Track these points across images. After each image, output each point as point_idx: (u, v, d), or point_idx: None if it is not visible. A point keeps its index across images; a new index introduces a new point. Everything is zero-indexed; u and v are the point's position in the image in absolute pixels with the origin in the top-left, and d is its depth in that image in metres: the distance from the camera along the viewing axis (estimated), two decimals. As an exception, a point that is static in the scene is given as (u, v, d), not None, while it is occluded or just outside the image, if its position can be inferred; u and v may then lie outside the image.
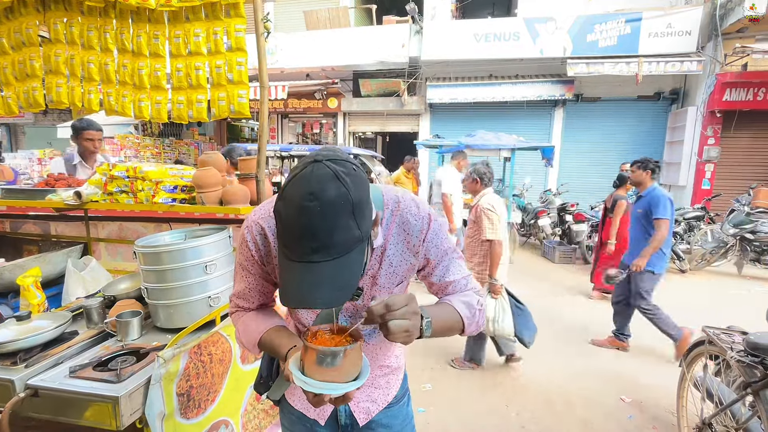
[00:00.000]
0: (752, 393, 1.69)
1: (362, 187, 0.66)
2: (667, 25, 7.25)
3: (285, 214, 0.63)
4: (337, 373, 0.67)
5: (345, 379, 0.67)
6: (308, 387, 0.66)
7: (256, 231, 0.87)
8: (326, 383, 0.66)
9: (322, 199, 0.60)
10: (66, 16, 1.78)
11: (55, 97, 1.86)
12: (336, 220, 0.62)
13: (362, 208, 0.65)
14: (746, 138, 7.44)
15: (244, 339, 0.93)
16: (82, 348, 1.35)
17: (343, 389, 0.66)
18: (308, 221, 0.61)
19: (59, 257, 1.91)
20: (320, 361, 0.67)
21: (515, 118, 8.98)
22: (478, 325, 0.91)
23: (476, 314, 0.90)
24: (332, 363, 0.66)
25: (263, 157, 1.71)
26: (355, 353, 0.69)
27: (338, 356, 0.66)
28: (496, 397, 2.74)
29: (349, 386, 0.67)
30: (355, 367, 0.69)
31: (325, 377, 0.66)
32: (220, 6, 1.64)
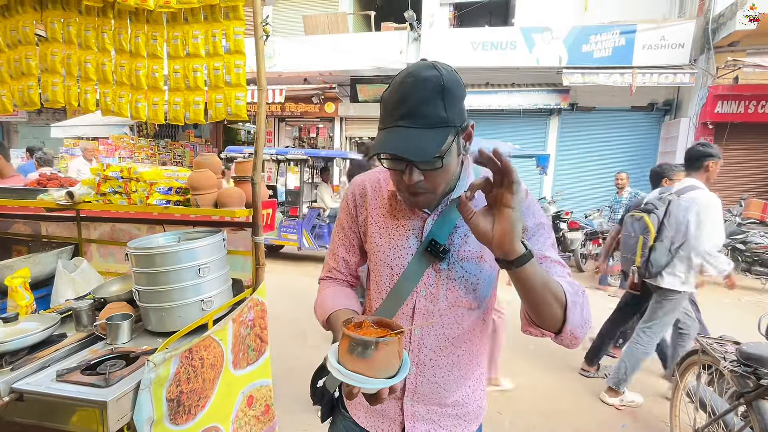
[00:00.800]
0: (745, 403, 1.70)
1: (456, 81, 0.74)
2: (660, 37, 7.38)
3: (388, 91, 0.75)
4: (367, 365, 0.63)
5: (374, 374, 0.63)
6: (336, 374, 0.64)
7: (358, 187, 0.96)
8: (353, 374, 0.63)
9: (417, 77, 0.71)
10: (63, 15, 1.77)
11: (50, 96, 1.84)
12: (425, 94, 0.70)
13: (452, 95, 0.72)
14: (738, 150, 7.55)
15: (319, 311, 0.95)
16: (70, 351, 1.33)
17: (369, 384, 0.63)
18: (402, 93, 0.71)
19: (49, 258, 1.88)
20: (351, 349, 0.64)
21: (511, 126, 9.06)
22: (584, 317, 0.73)
23: (581, 297, 0.74)
24: (363, 354, 0.63)
25: (260, 160, 1.70)
26: (389, 348, 0.64)
27: (369, 347, 0.63)
28: (489, 404, 2.73)
29: (377, 382, 0.63)
30: (388, 364, 0.64)
31: (355, 367, 0.63)
32: (220, 8, 1.64)
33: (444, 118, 0.71)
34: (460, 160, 0.82)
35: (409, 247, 0.86)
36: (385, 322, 0.71)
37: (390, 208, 0.90)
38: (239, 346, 1.58)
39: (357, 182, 0.97)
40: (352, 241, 0.98)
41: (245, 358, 1.64)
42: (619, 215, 5.36)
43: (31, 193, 1.94)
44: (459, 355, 0.87)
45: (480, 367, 0.94)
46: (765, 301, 5.26)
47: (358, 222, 0.95)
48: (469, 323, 0.86)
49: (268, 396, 1.79)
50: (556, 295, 0.70)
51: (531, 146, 8.50)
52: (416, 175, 0.74)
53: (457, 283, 0.83)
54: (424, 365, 0.86)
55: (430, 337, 0.85)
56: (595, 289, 5.58)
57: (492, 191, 0.66)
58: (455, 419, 0.90)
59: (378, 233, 0.90)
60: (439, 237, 0.82)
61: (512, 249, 0.65)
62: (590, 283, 5.88)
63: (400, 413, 0.88)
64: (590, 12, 8.21)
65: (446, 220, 0.83)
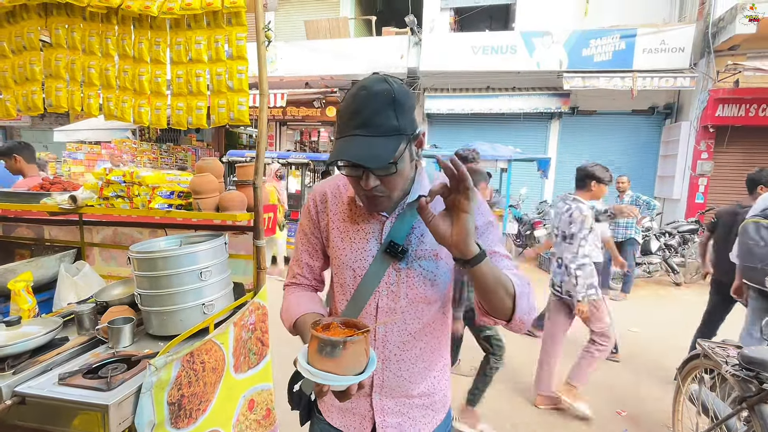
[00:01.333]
0: (747, 408, 1.69)
1: (406, 93, 0.79)
2: (660, 41, 7.40)
3: (343, 104, 0.80)
4: (335, 364, 0.66)
5: (343, 372, 0.67)
6: (305, 373, 0.67)
7: (319, 193, 0.99)
8: (323, 372, 0.66)
9: (370, 90, 0.76)
10: (68, 21, 1.79)
11: (54, 101, 1.86)
12: (377, 106, 0.75)
13: (403, 106, 0.77)
14: (739, 153, 7.55)
15: (285, 317, 0.97)
16: (72, 355, 1.33)
17: (338, 381, 0.66)
18: (356, 105, 0.77)
19: (52, 262, 1.89)
20: (320, 349, 0.67)
21: (512, 129, 9.07)
22: (530, 305, 0.80)
23: (527, 287, 0.82)
24: (331, 353, 0.66)
25: (261, 164, 1.71)
26: (356, 347, 0.68)
27: (338, 347, 0.66)
28: (492, 406, 2.72)
29: (346, 380, 0.66)
30: (356, 362, 0.68)
31: (324, 367, 0.66)
32: (222, 14, 1.66)
33: (396, 127, 0.76)
34: (413, 165, 0.88)
35: (370, 249, 0.91)
36: (351, 322, 0.75)
37: (350, 212, 0.95)
38: (240, 349, 1.59)
39: (317, 189, 1.01)
40: (315, 246, 1.01)
41: (246, 362, 1.64)
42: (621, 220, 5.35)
43: (34, 197, 1.95)
44: (421, 348, 0.93)
45: (443, 359, 1.00)
46: None
47: (320, 227, 0.99)
48: (429, 317, 0.92)
49: (269, 400, 1.79)
50: (506, 287, 0.77)
51: (532, 150, 8.51)
52: (372, 181, 0.79)
53: (416, 280, 0.89)
54: (390, 360, 0.92)
55: (393, 334, 0.91)
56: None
57: (449, 196, 0.71)
58: (423, 409, 0.96)
59: (339, 237, 0.95)
60: (398, 238, 0.88)
61: (468, 250, 0.71)
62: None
63: (370, 409, 0.93)
64: (590, 17, 8.24)
65: (403, 222, 0.89)
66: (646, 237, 5.79)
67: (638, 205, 5.26)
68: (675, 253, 6.06)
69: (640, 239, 5.41)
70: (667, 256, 5.92)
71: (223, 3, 1.61)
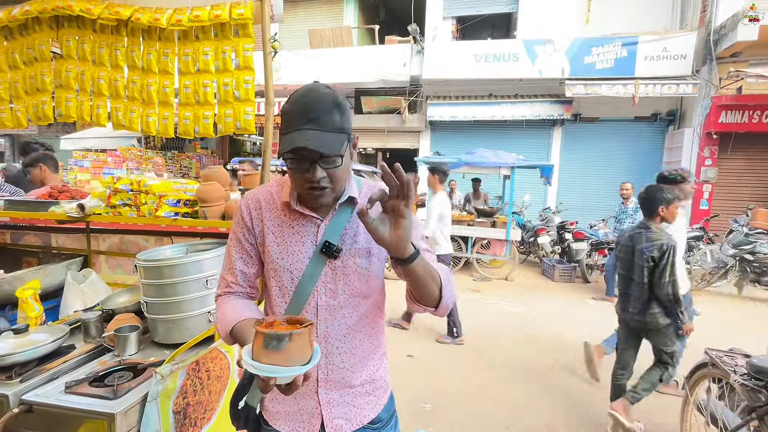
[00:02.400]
0: (757, 418, 1.66)
1: (345, 99, 0.88)
2: (662, 48, 7.44)
3: (289, 105, 0.86)
4: (282, 357, 0.68)
5: (290, 364, 0.69)
6: (253, 369, 0.68)
7: (252, 200, 1.01)
8: (270, 366, 0.68)
9: (317, 93, 0.85)
10: (78, 33, 1.83)
11: (64, 111, 1.89)
12: (324, 106, 0.83)
13: (343, 109, 0.86)
14: (743, 159, 7.53)
15: (220, 326, 0.96)
16: (78, 363, 1.34)
17: (286, 373, 0.68)
18: (306, 104, 0.84)
19: (59, 269, 1.90)
20: (266, 344, 0.69)
21: (514, 136, 9.10)
22: (452, 293, 0.92)
23: (450, 276, 0.92)
24: (277, 347, 0.68)
25: (267, 172, 1.72)
26: (301, 339, 0.70)
27: (283, 340, 0.68)
28: (497, 419, 2.69)
29: (293, 370, 0.69)
30: (301, 354, 0.71)
31: (271, 361, 0.68)
32: (230, 26, 1.69)
33: (341, 126, 0.85)
34: (350, 164, 0.93)
35: (306, 251, 0.95)
36: (294, 318, 0.77)
37: (285, 218, 0.98)
38: (245, 357, 1.59)
39: (249, 196, 1.03)
40: (249, 253, 1.01)
41: (251, 370, 1.64)
42: (624, 225, 5.34)
43: (42, 205, 1.97)
44: (360, 339, 0.99)
45: (381, 348, 1.07)
46: (775, 313, 5.17)
47: (254, 233, 1.00)
48: (365, 310, 0.99)
49: (273, 408, 1.78)
50: (434, 277, 0.86)
51: (535, 157, 8.52)
52: (320, 172, 0.85)
53: (352, 277, 0.95)
54: (332, 354, 0.96)
55: (334, 328, 0.96)
56: (601, 301, 5.53)
57: (388, 201, 0.76)
58: (366, 396, 1.02)
59: (275, 242, 0.97)
60: (332, 238, 0.93)
61: (405, 251, 0.79)
62: (597, 294, 5.83)
63: (318, 405, 0.97)
64: (592, 24, 8.29)
65: (337, 223, 0.95)
66: (650, 244, 5.74)
67: (642, 212, 5.24)
68: (680, 260, 6.01)
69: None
70: (672, 263, 5.86)
71: (231, 15, 1.64)
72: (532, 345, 3.91)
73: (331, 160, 0.85)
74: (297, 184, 0.90)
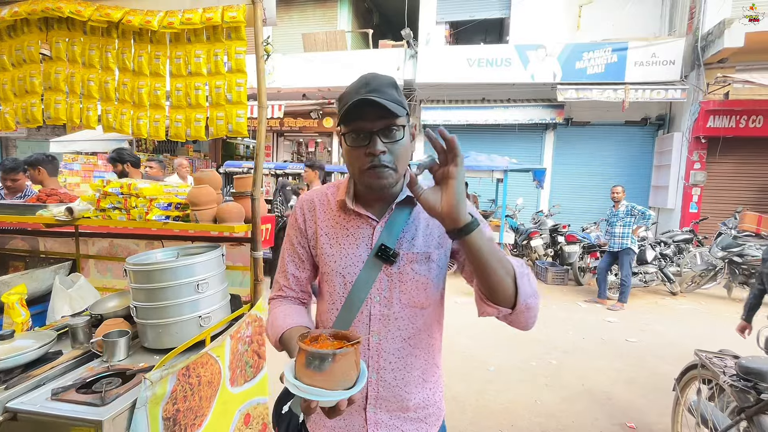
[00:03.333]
0: (746, 418, 1.68)
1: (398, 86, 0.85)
2: (651, 54, 7.56)
3: (348, 87, 0.84)
4: (324, 378, 0.63)
5: (333, 387, 0.63)
6: (293, 389, 0.63)
7: (306, 201, 0.98)
8: (311, 387, 0.62)
9: (371, 73, 0.84)
10: (68, 35, 1.81)
11: (53, 113, 1.87)
12: (384, 82, 0.82)
13: (400, 92, 0.84)
14: (731, 163, 7.66)
15: (270, 332, 0.93)
16: (65, 369, 1.31)
17: (327, 397, 0.62)
18: (366, 80, 0.82)
19: (46, 274, 1.87)
20: (308, 363, 0.64)
21: (507, 140, 9.17)
22: (533, 287, 0.76)
23: (526, 268, 0.78)
24: (320, 367, 0.63)
25: (260, 175, 1.72)
26: (346, 359, 0.64)
27: (326, 360, 0.63)
28: (492, 420, 2.69)
29: (335, 394, 0.62)
30: (345, 376, 0.65)
31: (313, 381, 0.63)
32: (222, 29, 1.69)
33: (400, 101, 0.82)
34: (410, 151, 0.88)
35: (360, 254, 0.89)
36: (341, 334, 0.71)
37: (339, 218, 0.93)
38: (237, 362, 1.57)
39: (304, 197, 1.00)
40: (301, 257, 0.98)
41: (243, 375, 1.62)
42: (616, 228, 5.39)
43: (30, 209, 1.94)
44: (417, 356, 0.90)
45: (438, 369, 0.97)
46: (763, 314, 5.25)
47: (307, 236, 0.97)
48: (423, 322, 0.90)
49: (264, 414, 1.76)
50: (504, 264, 0.74)
51: (527, 160, 8.59)
52: (380, 145, 0.80)
53: (409, 284, 0.87)
54: (385, 370, 0.88)
55: (388, 341, 0.88)
56: (594, 303, 5.57)
57: (438, 170, 0.72)
58: (417, 423, 0.92)
59: (328, 244, 0.93)
60: (388, 242, 0.86)
61: (459, 218, 0.70)
62: (589, 296, 5.87)
63: (364, 424, 0.90)
64: (583, 30, 8.42)
65: (393, 225, 0.88)
66: (641, 247, 5.82)
67: (633, 215, 5.31)
68: (670, 263, 6.09)
69: (636, 249, 5.44)
70: (662, 265, 5.94)
71: (223, 18, 1.64)
72: (526, 348, 3.92)
73: (392, 133, 0.80)
74: (356, 164, 0.84)
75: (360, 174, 0.84)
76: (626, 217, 5.32)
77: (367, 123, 0.80)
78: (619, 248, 5.37)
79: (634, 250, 5.36)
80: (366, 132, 0.80)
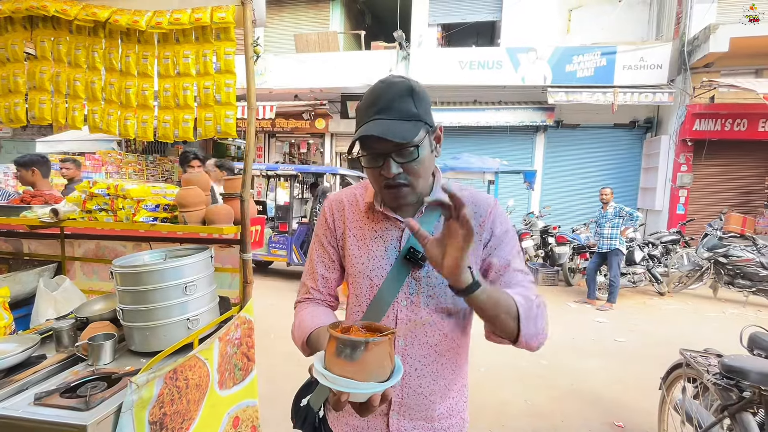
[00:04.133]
0: (729, 416, 1.71)
1: (423, 88, 0.82)
2: (639, 58, 7.69)
3: (363, 98, 0.82)
4: (356, 369, 0.58)
5: (365, 378, 0.58)
6: (322, 380, 0.60)
7: (335, 202, 0.97)
8: (342, 378, 0.58)
9: (387, 82, 0.80)
10: (54, 34, 1.78)
11: (37, 113, 1.84)
12: (396, 93, 0.78)
13: (420, 96, 0.80)
14: (716, 166, 7.82)
15: (297, 333, 0.90)
16: (49, 373, 1.29)
17: (360, 389, 0.58)
18: (376, 94, 0.79)
19: (30, 277, 1.84)
20: (339, 351, 0.60)
21: (499, 142, 9.24)
22: (537, 328, 0.78)
23: (534, 309, 0.78)
24: (351, 356, 0.59)
25: (249, 177, 1.71)
26: (380, 349, 0.60)
27: (359, 348, 0.59)
28: (483, 420, 2.70)
29: (368, 387, 0.58)
30: (379, 367, 0.60)
31: (344, 372, 0.58)
32: (211, 30, 1.67)
33: (415, 113, 0.78)
34: (433, 159, 0.86)
35: (388, 257, 0.88)
36: (374, 326, 0.68)
37: (368, 219, 0.92)
38: (225, 365, 1.56)
39: (333, 198, 0.99)
40: (331, 257, 0.96)
41: (231, 378, 1.61)
42: (604, 229, 5.46)
43: (13, 210, 1.90)
44: (443, 364, 0.88)
45: (463, 379, 0.95)
46: (748, 313, 5.36)
47: (336, 236, 0.96)
48: (449, 329, 0.88)
49: (254, 417, 1.75)
50: (508, 311, 0.75)
51: (518, 162, 8.67)
52: (395, 168, 0.78)
53: (437, 289, 0.85)
54: (410, 375, 0.86)
55: (414, 347, 0.86)
56: (583, 303, 5.63)
57: (450, 220, 0.67)
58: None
59: (356, 245, 0.91)
60: (417, 245, 0.83)
61: (460, 281, 0.69)
62: (579, 296, 5.94)
63: (386, 429, 0.87)
64: (573, 34, 8.54)
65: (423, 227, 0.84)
66: (630, 248, 5.91)
67: (621, 217, 5.38)
68: (658, 263, 6.19)
69: (625, 250, 5.52)
70: (650, 266, 6.04)
71: (212, 18, 1.63)
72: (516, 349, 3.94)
73: (406, 152, 0.77)
74: (374, 183, 0.84)
75: (379, 191, 0.85)
76: (615, 218, 5.39)
77: (379, 146, 0.77)
78: (607, 249, 5.45)
79: (622, 251, 5.44)
80: (379, 154, 0.78)
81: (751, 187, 7.75)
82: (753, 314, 5.29)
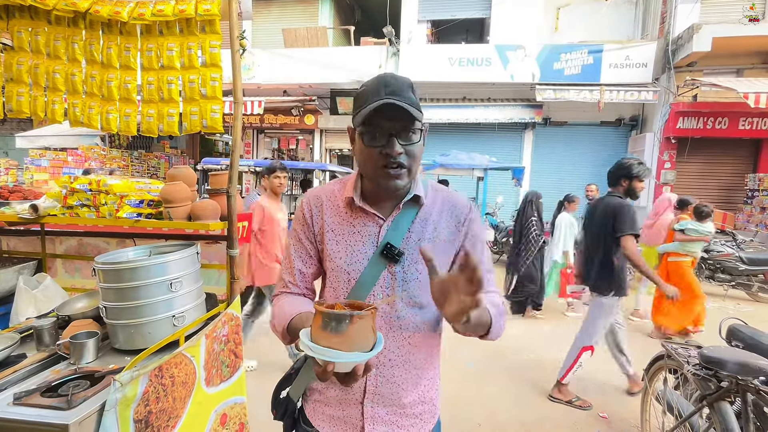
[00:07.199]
0: (708, 405, 1.77)
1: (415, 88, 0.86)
2: (625, 57, 7.81)
3: (364, 87, 0.85)
4: (342, 340, 0.63)
5: (350, 349, 0.63)
6: (309, 351, 0.63)
7: (313, 197, 0.98)
8: (328, 349, 0.62)
9: (390, 74, 0.84)
10: (31, 24, 1.72)
11: (15, 106, 1.78)
12: (403, 84, 0.83)
13: (416, 94, 0.85)
14: (699, 163, 8.00)
15: (277, 322, 0.92)
16: (29, 372, 1.26)
17: (345, 358, 0.62)
18: (385, 81, 0.82)
19: (9, 275, 1.79)
20: (325, 325, 0.64)
21: (488, 139, 9.30)
22: (501, 328, 0.86)
23: (501, 316, 0.86)
24: (337, 329, 0.63)
25: (235, 172, 1.69)
26: (364, 322, 0.65)
27: (343, 321, 0.63)
28: (471, 413, 2.73)
29: (353, 356, 0.63)
30: (363, 339, 0.65)
31: (330, 343, 0.63)
32: (195, 22, 1.64)
33: (418, 104, 0.83)
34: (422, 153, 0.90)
35: (366, 252, 0.90)
36: (356, 303, 0.71)
37: (346, 215, 0.94)
38: (212, 362, 1.54)
39: (312, 193, 1.00)
40: (309, 252, 0.98)
41: (219, 375, 1.59)
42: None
43: (-9, 207, 1.85)
44: (415, 354, 0.92)
45: (435, 368, 0.99)
46: (728, 306, 5.52)
47: (314, 231, 0.96)
48: (422, 321, 0.92)
49: (242, 414, 1.74)
50: (485, 324, 0.81)
51: (507, 159, 8.74)
52: (398, 147, 0.81)
53: (412, 284, 0.89)
54: (384, 365, 0.90)
55: (388, 338, 0.89)
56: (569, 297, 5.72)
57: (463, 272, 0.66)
58: (413, 419, 0.94)
59: (335, 240, 0.93)
60: (394, 241, 0.88)
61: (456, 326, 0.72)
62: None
63: (361, 417, 0.91)
64: (560, 32, 8.62)
65: (400, 223, 0.90)
66: (615, 243, 6.00)
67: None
68: (642, 258, 6.31)
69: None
70: (635, 261, 6.15)
71: (197, 10, 1.60)
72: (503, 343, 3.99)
73: (409, 135, 0.82)
74: (371, 163, 0.85)
75: (374, 172, 0.86)
76: None
77: (386, 124, 0.81)
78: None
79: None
80: (384, 132, 0.82)
81: (731, 184, 7.96)
82: (732, 307, 5.45)
